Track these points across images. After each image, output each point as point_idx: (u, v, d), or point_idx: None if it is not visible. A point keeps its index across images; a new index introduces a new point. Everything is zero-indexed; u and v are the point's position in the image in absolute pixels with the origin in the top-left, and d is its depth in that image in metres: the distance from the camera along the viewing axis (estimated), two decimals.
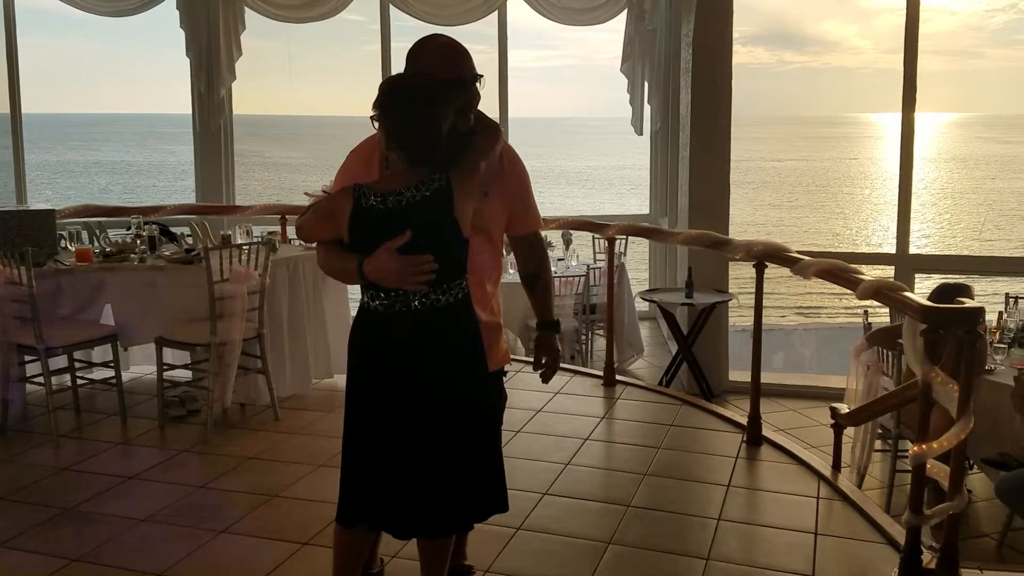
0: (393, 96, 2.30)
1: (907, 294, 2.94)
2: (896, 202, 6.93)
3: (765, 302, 4.36)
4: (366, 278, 2.36)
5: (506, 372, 2.77)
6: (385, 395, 2.39)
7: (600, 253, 7.41)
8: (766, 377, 6.25)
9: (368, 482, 2.44)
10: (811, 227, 33.69)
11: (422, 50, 2.44)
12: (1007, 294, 5.78)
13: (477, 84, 2.46)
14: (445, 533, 2.52)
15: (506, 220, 2.58)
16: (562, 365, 5.69)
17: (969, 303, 2.88)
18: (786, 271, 3.95)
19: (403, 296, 2.34)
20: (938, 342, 2.78)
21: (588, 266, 7.11)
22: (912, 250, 7.06)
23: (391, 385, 2.38)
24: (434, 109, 2.28)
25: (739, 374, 6.72)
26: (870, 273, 3.46)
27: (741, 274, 5.59)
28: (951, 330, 2.79)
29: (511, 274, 6.98)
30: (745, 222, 31.65)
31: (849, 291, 3.36)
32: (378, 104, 2.30)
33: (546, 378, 2.68)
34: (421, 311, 2.34)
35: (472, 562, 2.96)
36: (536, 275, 2.69)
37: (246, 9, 7.65)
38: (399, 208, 2.29)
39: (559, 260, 7.33)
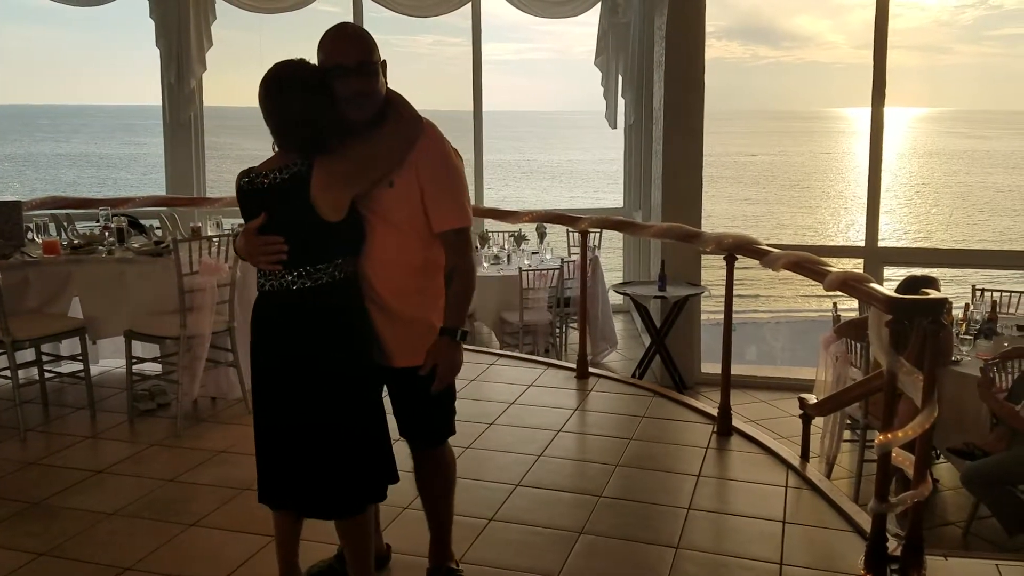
0: (262, 82, 2.38)
1: (872, 285, 2.97)
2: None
3: (748, 304, 4.41)
4: (239, 255, 2.53)
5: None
6: (260, 372, 2.51)
7: (575, 246, 7.43)
8: (738, 369, 6.29)
9: (265, 460, 2.56)
10: (787, 222, 33.96)
11: (322, 38, 2.43)
12: (973, 286, 5.88)
13: (372, 74, 2.38)
14: (318, 515, 2.57)
15: (419, 212, 2.48)
16: (535, 358, 5.79)
17: (934, 294, 2.92)
18: (768, 274, 3.97)
19: (269, 276, 2.44)
20: (903, 332, 2.81)
21: (562, 259, 7.14)
22: (887, 244, 7.16)
23: (263, 362, 2.50)
24: (291, 96, 2.34)
25: (711, 366, 6.77)
26: (839, 266, 3.51)
27: (719, 276, 5.61)
28: (916, 320, 2.83)
29: (484, 268, 7.01)
30: (721, 216, 31.83)
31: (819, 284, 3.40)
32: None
33: (434, 387, 2.49)
34: (281, 291, 2.43)
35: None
36: (448, 276, 2.55)
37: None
38: (261, 190, 2.40)
39: (533, 253, 7.35)
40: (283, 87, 2.35)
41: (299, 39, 2.52)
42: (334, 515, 2.55)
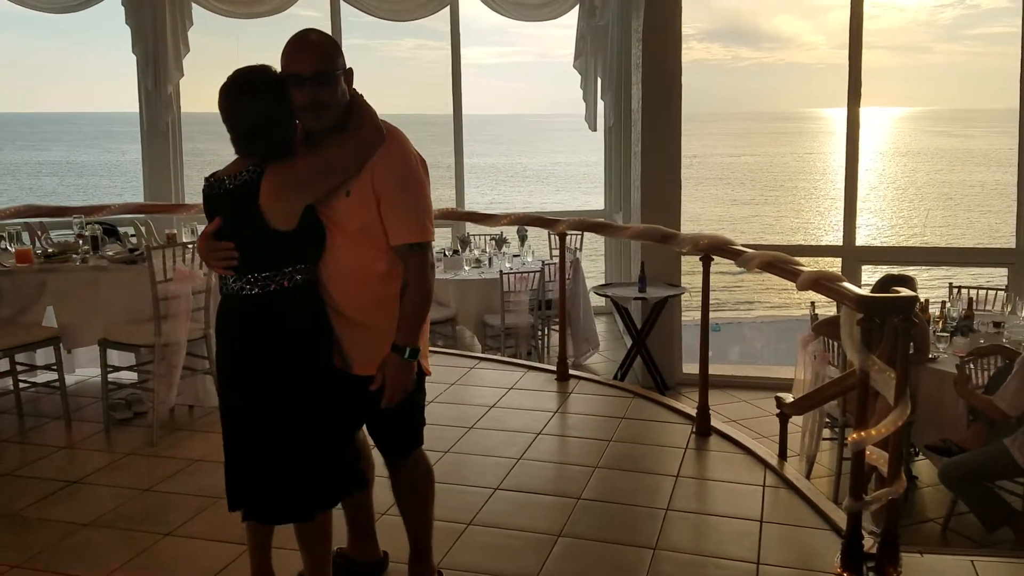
0: (220, 88, 2.38)
1: (843, 284, 2.98)
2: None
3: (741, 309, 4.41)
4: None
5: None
6: (220, 375, 2.56)
7: (556, 249, 7.42)
8: (720, 369, 6.29)
9: (228, 464, 2.57)
10: (773, 223, 34.03)
11: (286, 45, 2.39)
12: (950, 284, 5.91)
13: (329, 83, 2.33)
14: (263, 519, 2.56)
15: (376, 223, 2.41)
16: (516, 361, 5.78)
17: (904, 292, 2.93)
18: (761, 279, 3.97)
19: (226, 280, 2.47)
20: (874, 331, 2.82)
21: (543, 262, 7.13)
22: (875, 243, 7.20)
23: (220, 365, 2.54)
24: (245, 102, 2.34)
25: (692, 367, 6.78)
26: (818, 266, 3.52)
27: (700, 278, 5.61)
28: (887, 319, 2.84)
29: (466, 271, 7.01)
30: (709, 218, 31.82)
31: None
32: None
33: (383, 404, 2.45)
34: (233, 297, 2.46)
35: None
36: (403, 290, 2.46)
37: (193, 5, 7.54)
38: (216, 196, 2.43)
39: (515, 256, 7.34)
40: (238, 93, 2.34)
41: (277, 44, 2.47)
42: (278, 519, 2.55)
